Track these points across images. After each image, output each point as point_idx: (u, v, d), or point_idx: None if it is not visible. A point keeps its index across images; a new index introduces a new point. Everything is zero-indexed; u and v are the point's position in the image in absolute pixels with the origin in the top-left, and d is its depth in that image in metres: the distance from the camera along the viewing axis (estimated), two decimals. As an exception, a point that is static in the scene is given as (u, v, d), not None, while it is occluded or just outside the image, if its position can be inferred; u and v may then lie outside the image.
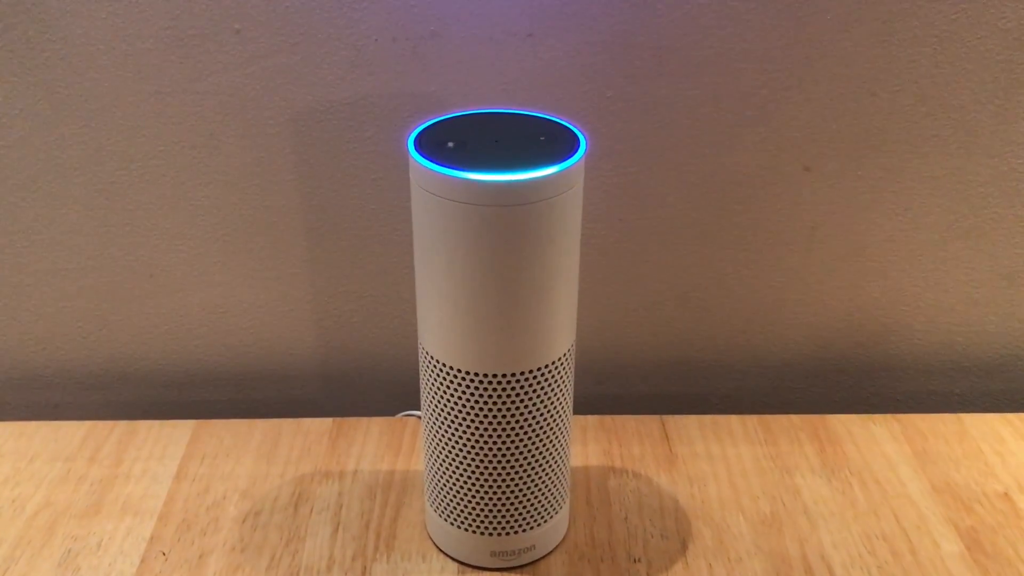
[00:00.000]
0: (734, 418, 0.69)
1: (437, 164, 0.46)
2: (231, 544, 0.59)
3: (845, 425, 0.69)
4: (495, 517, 0.55)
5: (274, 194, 0.66)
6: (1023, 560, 0.58)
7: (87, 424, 0.68)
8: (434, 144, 0.48)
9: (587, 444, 0.67)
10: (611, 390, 0.74)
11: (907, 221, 0.68)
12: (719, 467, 0.65)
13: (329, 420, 0.69)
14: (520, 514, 0.55)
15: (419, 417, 0.66)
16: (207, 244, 0.67)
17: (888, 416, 0.69)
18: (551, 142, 0.48)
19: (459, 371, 0.50)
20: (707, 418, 0.69)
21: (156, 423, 0.68)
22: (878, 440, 0.67)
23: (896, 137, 0.65)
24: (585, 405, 0.72)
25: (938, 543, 0.59)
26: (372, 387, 0.73)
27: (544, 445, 0.53)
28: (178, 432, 0.67)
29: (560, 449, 0.55)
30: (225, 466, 0.65)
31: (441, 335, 0.50)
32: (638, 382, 0.74)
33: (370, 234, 0.67)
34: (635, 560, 0.58)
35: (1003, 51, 0.62)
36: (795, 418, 0.69)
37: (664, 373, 0.74)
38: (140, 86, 0.61)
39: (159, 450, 0.66)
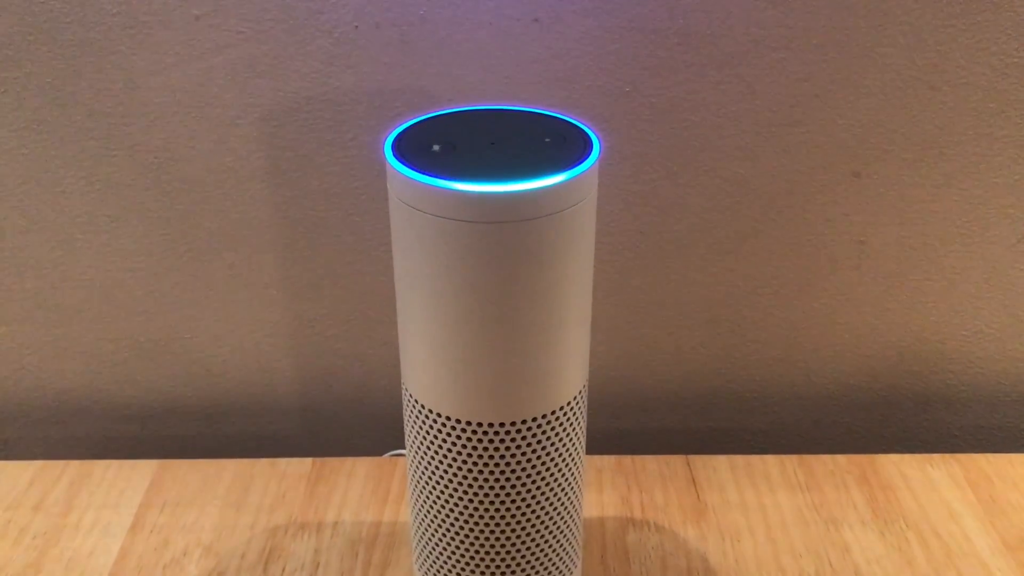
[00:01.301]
0: (771, 458, 0.61)
1: (418, 172, 0.38)
2: (188, 612, 0.51)
3: (898, 467, 0.60)
4: (493, 586, 0.46)
5: (242, 204, 0.57)
6: (1118, 636, 0.49)
7: (36, 465, 0.60)
8: (416, 147, 0.40)
9: (603, 490, 0.58)
10: (630, 425, 0.66)
11: (970, 234, 0.59)
12: (755, 518, 0.56)
13: (308, 461, 0.60)
14: (523, 582, 0.47)
15: (410, 458, 0.58)
16: (167, 261, 0.59)
17: (947, 456, 0.61)
18: (558, 144, 0.40)
19: (448, 419, 0.42)
20: (740, 459, 0.61)
21: (114, 463, 0.60)
22: (937, 485, 0.59)
23: (959, 138, 0.56)
24: (601, 443, 0.64)
25: (1017, 614, 0.50)
26: (357, 422, 0.65)
27: (551, 505, 0.45)
28: (137, 474, 0.59)
29: (569, 509, 0.46)
30: (188, 515, 0.57)
31: (427, 377, 0.42)
32: (661, 416, 0.66)
33: (354, 249, 0.59)
34: (658, 634, 0.49)
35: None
36: (841, 459, 0.61)
37: (690, 406, 0.65)
38: (82, 82, 0.53)
39: (114, 496, 0.58)
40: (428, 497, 0.45)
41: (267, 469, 0.60)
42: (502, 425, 0.42)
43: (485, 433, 0.42)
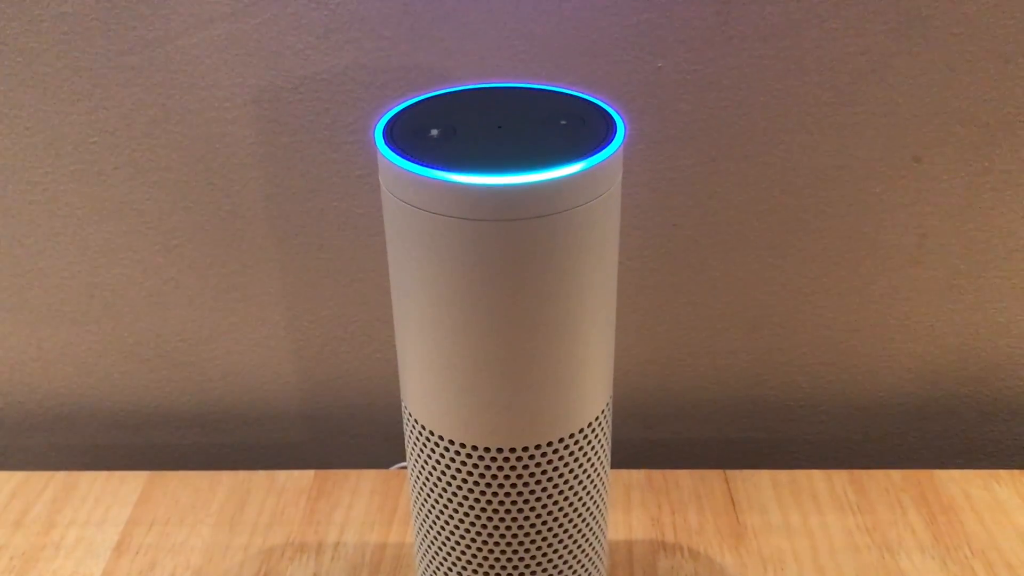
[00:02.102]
0: (818, 474, 0.55)
1: (412, 161, 0.32)
2: (172, 646, 0.46)
3: (960, 485, 0.54)
4: (506, 624, 0.41)
5: (234, 195, 0.52)
6: None
7: (18, 476, 0.56)
8: (412, 133, 0.34)
9: (631, 510, 0.53)
10: (664, 436, 0.60)
11: (1045, 226, 0.53)
12: (800, 543, 0.51)
13: (310, 473, 0.55)
14: (539, 621, 0.41)
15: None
16: (155, 257, 0.54)
17: (1016, 473, 0.55)
18: (576, 128, 0.35)
19: (452, 442, 0.37)
20: (783, 474, 0.55)
21: (101, 475, 0.56)
22: (1005, 506, 0.53)
23: (1036, 118, 0.50)
24: (631, 455, 0.59)
25: (1100, 659, 0.44)
26: (363, 431, 0.60)
27: (569, 537, 0.40)
28: (126, 487, 0.55)
29: (591, 540, 0.41)
30: (177, 535, 0.52)
31: (428, 395, 0.37)
32: (697, 426, 0.60)
33: (356, 244, 0.54)
34: (692, 678, 0.44)
35: None
36: (895, 474, 0.55)
37: (729, 415, 0.59)
38: (57, 61, 0.48)
39: (100, 512, 0.53)
40: (432, 526, 0.40)
41: (265, 482, 0.55)
42: (512, 451, 0.36)
43: (494, 459, 0.37)
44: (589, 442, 0.38)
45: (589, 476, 0.39)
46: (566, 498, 0.38)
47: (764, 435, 0.60)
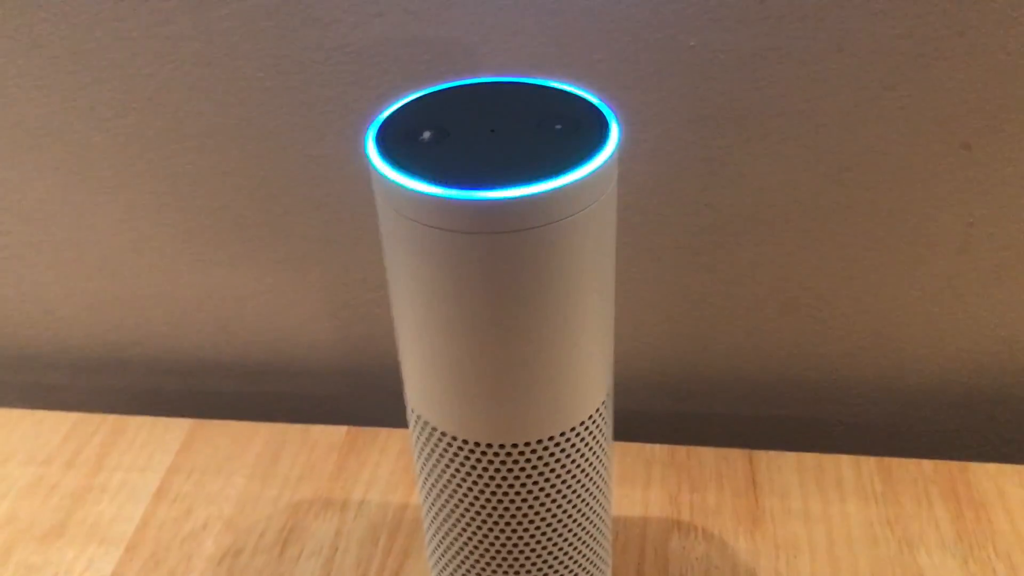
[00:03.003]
0: (845, 459, 0.54)
1: (402, 170, 0.32)
2: (199, 593, 0.49)
3: (995, 480, 0.53)
4: (505, 602, 0.42)
5: (272, 161, 0.53)
6: None
7: (73, 417, 0.59)
8: (404, 135, 0.34)
9: (651, 486, 0.53)
10: (693, 409, 0.60)
11: (1105, 217, 0.50)
12: (818, 531, 0.50)
13: (343, 429, 0.57)
14: (537, 601, 0.42)
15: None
16: (197, 219, 0.56)
17: (1057, 471, 0.53)
18: (569, 133, 0.34)
19: (454, 438, 0.38)
20: (809, 457, 0.54)
21: (148, 420, 0.59)
22: (1039, 506, 0.51)
23: (1099, 105, 0.47)
24: (659, 429, 0.59)
25: (1111, 675, 0.43)
26: (395, 387, 0.61)
27: (565, 526, 0.40)
28: (170, 434, 0.58)
29: (590, 527, 0.42)
30: (214, 484, 0.55)
31: (427, 395, 0.37)
32: (727, 403, 0.59)
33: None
34: (689, 662, 0.45)
35: None
36: (927, 464, 0.54)
37: (760, 393, 0.59)
38: (104, 28, 0.50)
39: (144, 458, 0.56)
40: (437, 511, 0.41)
41: (299, 436, 0.57)
42: (513, 447, 0.37)
43: (496, 455, 0.37)
44: (584, 438, 0.39)
45: (586, 470, 0.39)
46: (560, 492, 0.39)
47: (794, 415, 0.59)
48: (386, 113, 0.35)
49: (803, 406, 0.59)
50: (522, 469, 0.38)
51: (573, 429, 0.38)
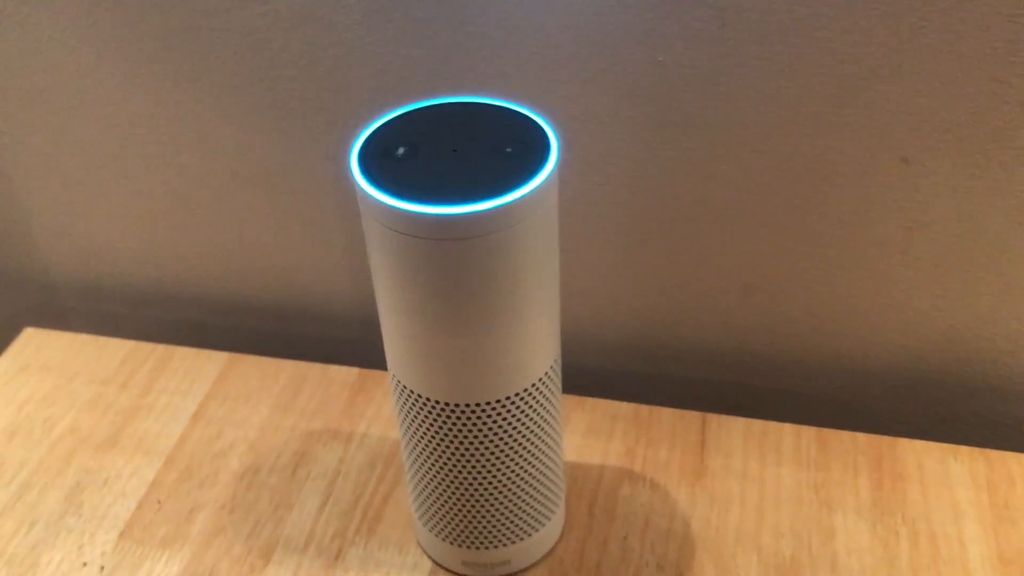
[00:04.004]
0: (788, 428, 0.61)
1: (378, 187, 0.40)
2: (222, 502, 0.58)
3: (918, 455, 0.59)
4: (467, 531, 0.51)
5: (303, 145, 0.61)
6: (1079, 673, 0.49)
7: (129, 345, 0.69)
8: (382, 152, 0.42)
9: (612, 438, 0.61)
10: (658, 371, 0.67)
11: (1034, 230, 0.55)
12: (750, 490, 0.58)
13: (355, 371, 0.66)
14: (492, 531, 0.51)
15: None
16: (238, 185, 0.65)
17: (976, 451, 0.59)
18: (519, 154, 0.41)
19: (427, 399, 0.46)
20: (756, 424, 0.61)
21: (191, 351, 0.68)
22: (952, 481, 0.58)
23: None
24: (625, 387, 0.67)
25: (980, 631, 0.51)
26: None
27: (520, 469, 0.49)
28: (210, 365, 0.67)
29: (539, 470, 0.50)
30: (242, 411, 0.64)
31: (404, 363, 0.46)
32: (688, 367, 0.67)
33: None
34: (620, 591, 0.53)
35: None
36: (861, 438, 0.60)
37: (719, 363, 0.66)
38: (167, 19, 0.58)
39: (186, 384, 0.66)
40: (414, 458, 0.50)
41: (318, 374, 0.66)
42: (475, 405, 0.45)
43: (462, 412, 0.45)
44: (535, 397, 0.46)
45: (539, 422, 0.47)
46: (517, 441, 0.47)
47: (747, 384, 0.66)
48: (367, 132, 0.43)
49: (756, 377, 0.66)
50: (484, 423, 0.46)
51: (526, 390, 0.46)
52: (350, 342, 0.71)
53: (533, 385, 0.46)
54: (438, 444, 0.47)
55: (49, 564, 0.56)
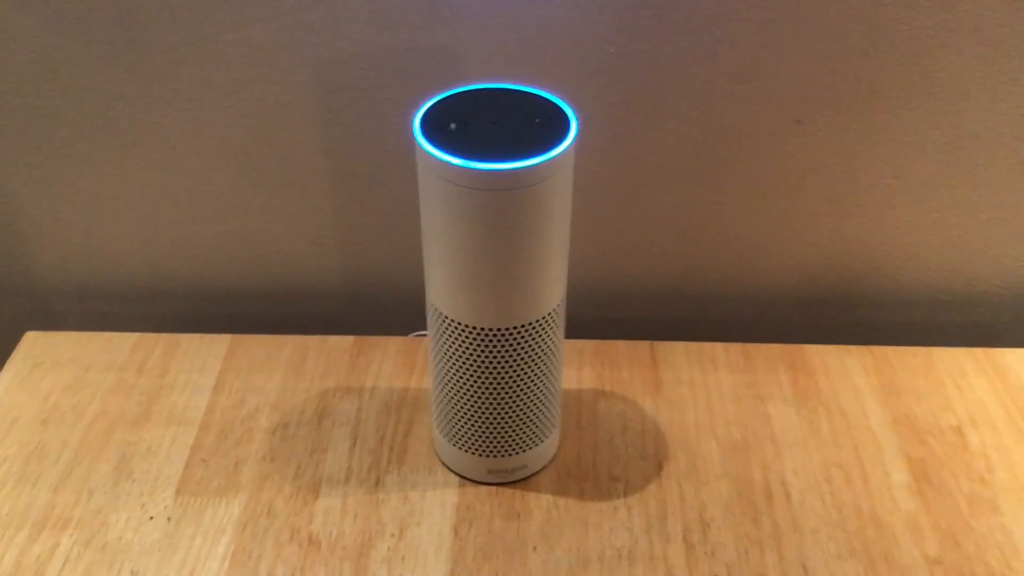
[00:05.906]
0: (719, 346, 0.75)
1: (439, 148, 0.51)
2: (262, 454, 0.67)
3: (821, 356, 0.75)
4: (491, 441, 0.62)
5: (301, 140, 0.71)
6: (962, 491, 0.64)
7: (135, 336, 0.76)
8: (437, 125, 0.53)
9: (582, 368, 0.74)
10: (610, 315, 0.81)
11: (893, 170, 0.72)
12: (699, 394, 0.72)
13: (351, 338, 0.76)
14: (513, 439, 0.62)
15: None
16: (237, 180, 0.73)
17: (862, 348, 0.75)
18: (545, 125, 0.53)
19: (461, 325, 0.57)
20: (693, 345, 0.75)
21: (196, 336, 0.76)
22: (849, 372, 0.73)
23: (887, 95, 0.68)
24: (585, 329, 0.79)
25: (888, 473, 0.66)
26: (390, 307, 0.80)
27: (535, 385, 0.60)
28: (216, 346, 0.75)
29: (549, 387, 0.62)
30: (258, 380, 0.72)
31: (442, 292, 0.57)
32: (636, 308, 0.80)
33: (385, 172, 0.73)
34: (615, 479, 0.65)
35: (997, 20, 0.64)
36: (775, 347, 0.75)
37: (660, 301, 0.80)
38: (178, 35, 0.66)
39: (199, 363, 0.74)
40: (445, 378, 0.60)
41: (318, 344, 0.75)
42: (501, 330, 0.56)
43: (490, 335, 0.56)
44: (546, 326, 0.58)
45: (549, 346, 0.59)
46: (534, 361, 0.59)
47: (684, 314, 0.81)
48: (423, 109, 0.53)
49: (690, 310, 0.80)
50: (505, 345, 0.57)
51: (540, 320, 0.57)
52: (339, 317, 0.81)
53: (547, 315, 0.58)
54: (472, 365, 0.58)
55: (117, 522, 0.63)
